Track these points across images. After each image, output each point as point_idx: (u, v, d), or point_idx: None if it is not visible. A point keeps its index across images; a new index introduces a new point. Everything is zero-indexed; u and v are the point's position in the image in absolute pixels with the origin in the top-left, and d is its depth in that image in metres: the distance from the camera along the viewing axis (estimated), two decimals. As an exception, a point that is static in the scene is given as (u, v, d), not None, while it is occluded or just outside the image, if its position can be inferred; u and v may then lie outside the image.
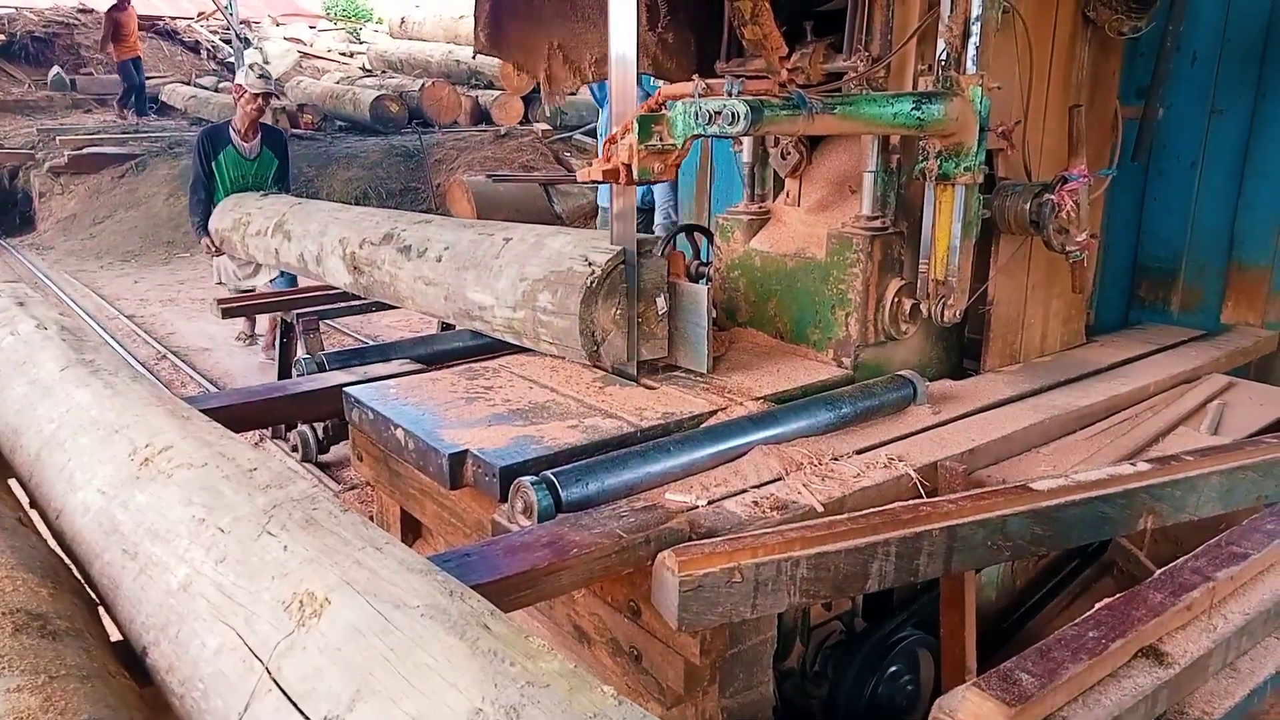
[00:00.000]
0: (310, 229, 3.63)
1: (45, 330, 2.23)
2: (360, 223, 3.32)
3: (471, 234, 2.74)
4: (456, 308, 2.64)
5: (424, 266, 2.78)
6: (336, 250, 3.30)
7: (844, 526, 1.65)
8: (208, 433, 1.63)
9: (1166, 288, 3.31)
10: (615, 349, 2.33)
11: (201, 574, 1.23)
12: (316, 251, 3.49)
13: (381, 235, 3.07)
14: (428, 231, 2.93)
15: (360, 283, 3.18)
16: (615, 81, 2.34)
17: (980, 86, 2.18)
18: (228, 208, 4.80)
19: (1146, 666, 1.40)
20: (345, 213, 3.62)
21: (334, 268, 3.35)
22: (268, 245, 4.05)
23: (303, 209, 4.02)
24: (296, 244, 3.71)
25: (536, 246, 2.48)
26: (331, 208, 3.92)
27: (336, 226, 3.43)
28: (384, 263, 2.99)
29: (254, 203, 4.56)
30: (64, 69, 14.55)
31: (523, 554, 1.56)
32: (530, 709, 0.89)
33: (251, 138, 5.28)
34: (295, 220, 3.88)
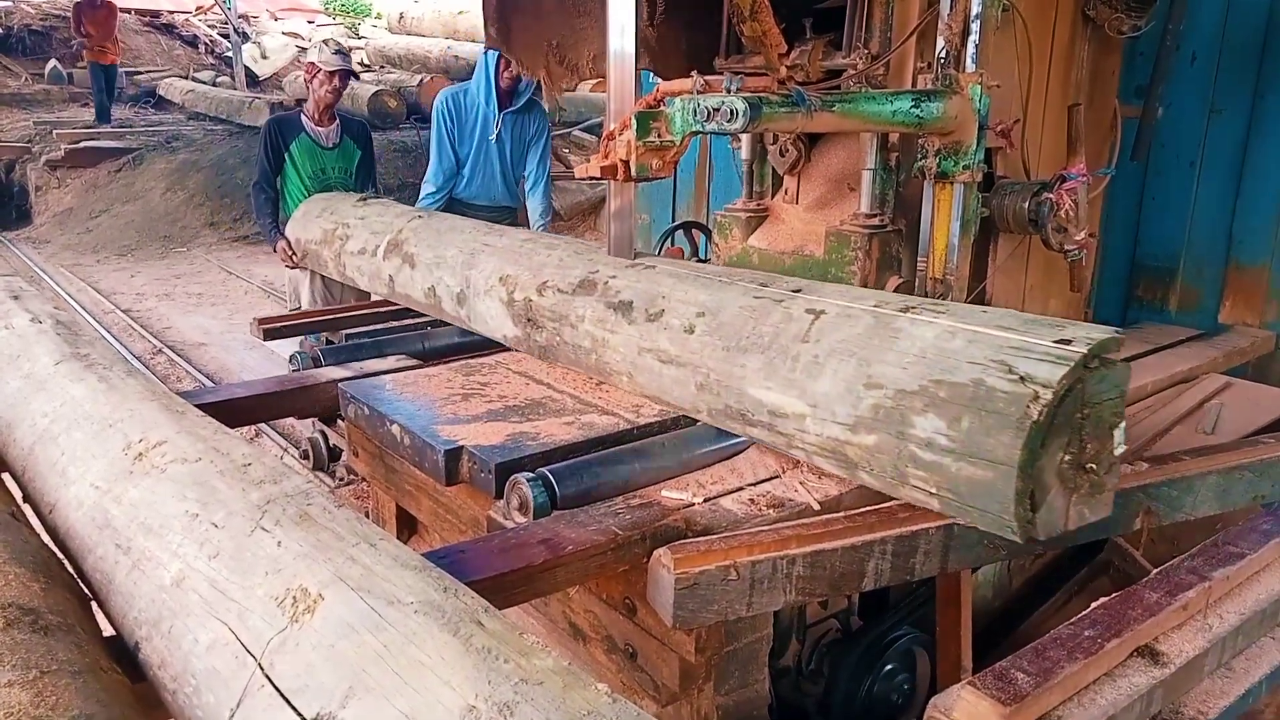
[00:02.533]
0: (447, 256, 2.71)
1: (40, 324, 2.23)
2: (531, 256, 2.46)
3: (741, 295, 1.90)
4: (721, 404, 1.83)
5: (659, 336, 1.97)
6: (496, 292, 2.45)
7: (840, 524, 1.65)
8: (202, 428, 1.63)
9: (1164, 287, 3.31)
10: (1053, 513, 1.43)
11: (194, 569, 1.22)
12: (459, 288, 2.61)
13: (576, 281, 2.24)
14: (658, 284, 2.08)
15: (534, 340, 2.34)
16: (614, 78, 2.34)
17: (979, 85, 2.17)
18: (313, 213, 3.69)
19: (1142, 666, 1.40)
20: (500, 237, 2.70)
21: (488, 313, 2.50)
22: (377, 270, 3.04)
23: (429, 225, 3.00)
24: (424, 274, 2.78)
25: (883, 331, 1.62)
26: (474, 227, 2.90)
27: (492, 257, 2.55)
28: (582, 320, 2.17)
29: (351, 209, 3.47)
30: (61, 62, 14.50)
31: (518, 551, 1.55)
32: (524, 706, 0.88)
33: (327, 123, 4.43)
34: (421, 241, 2.91)
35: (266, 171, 4.37)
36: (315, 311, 3.76)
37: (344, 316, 3.33)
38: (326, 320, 3.35)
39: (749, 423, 1.79)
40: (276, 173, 4.37)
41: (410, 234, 2.97)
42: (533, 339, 2.35)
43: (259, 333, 3.27)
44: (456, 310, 2.65)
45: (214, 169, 11.08)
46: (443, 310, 2.73)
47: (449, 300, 2.67)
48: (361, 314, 3.33)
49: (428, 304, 2.80)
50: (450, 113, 4.59)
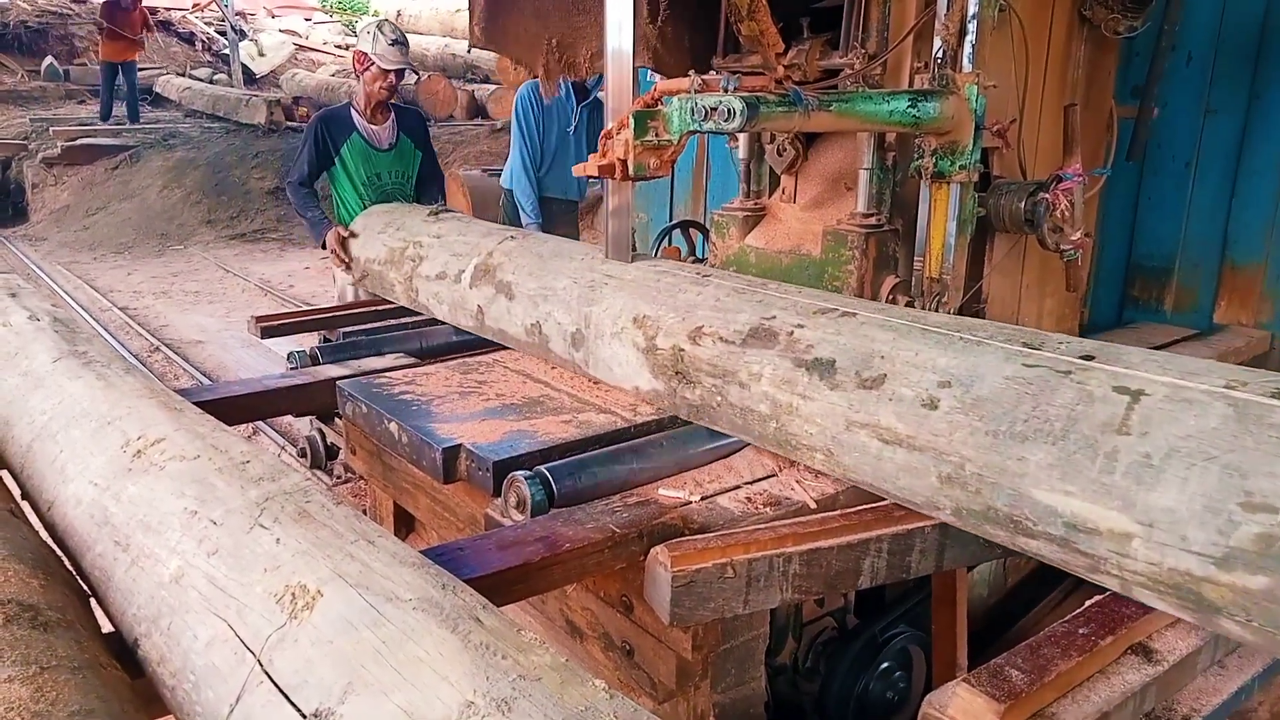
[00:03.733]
0: (557, 287, 2.30)
1: (38, 322, 2.23)
2: (675, 293, 2.05)
3: (1003, 361, 1.49)
4: (980, 504, 1.44)
5: (880, 409, 1.57)
6: (628, 335, 2.05)
7: (836, 523, 1.65)
8: (200, 425, 1.63)
9: (1160, 287, 3.31)
10: None
11: (193, 566, 1.23)
12: (574, 327, 2.21)
13: (746, 328, 1.84)
14: (870, 339, 1.67)
15: (681, 396, 1.95)
16: (611, 77, 2.34)
17: (976, 85, 2.18)
18: (373, 228, 3.24)
19: (1135, 664, 1.41)
20: (622, 266, 2.27)
21: (615, 360, 2.10)
22: (461, 299, 2.63)
23: (526, 248, 2.55)
24: (527, 307, 2.37)
25: (1254, 427, 1.22)
26: (585, 253, 2.45)
27: (619, 293, 2.14)
28: (757, 379, 1.76)
29: (422, 225, 3.03)
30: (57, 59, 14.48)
31: (515, 548, 1.56)
32: (521, 702, 0.89)
33: (381, 120, 3.83)
34: (520, 267, 2.46)
35: (307, 174, 3.79)
36: (312, 310, 3.69)
37: (342, 315, 3.29)
38: (324, 318, 3.30)
39: (1025, 532, 1.40)
40: (317, 176, 3.82)
41: (504, 258, 2.53)
42: (680, 395, 1.94)
43: (256, 330, 3.22)
44: (569, 353, 2.25)
45: (211, 167, 11.07)
46: (549, 351, 2.33)
47: (560, 340, 2.27)
48: (359, 312, 3.29)
49: (529, 343, 2.40)
50: (533, 105, 4.50)
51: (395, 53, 3.66)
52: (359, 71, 3.78)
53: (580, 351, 2.21)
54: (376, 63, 3.65)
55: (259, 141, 11.52)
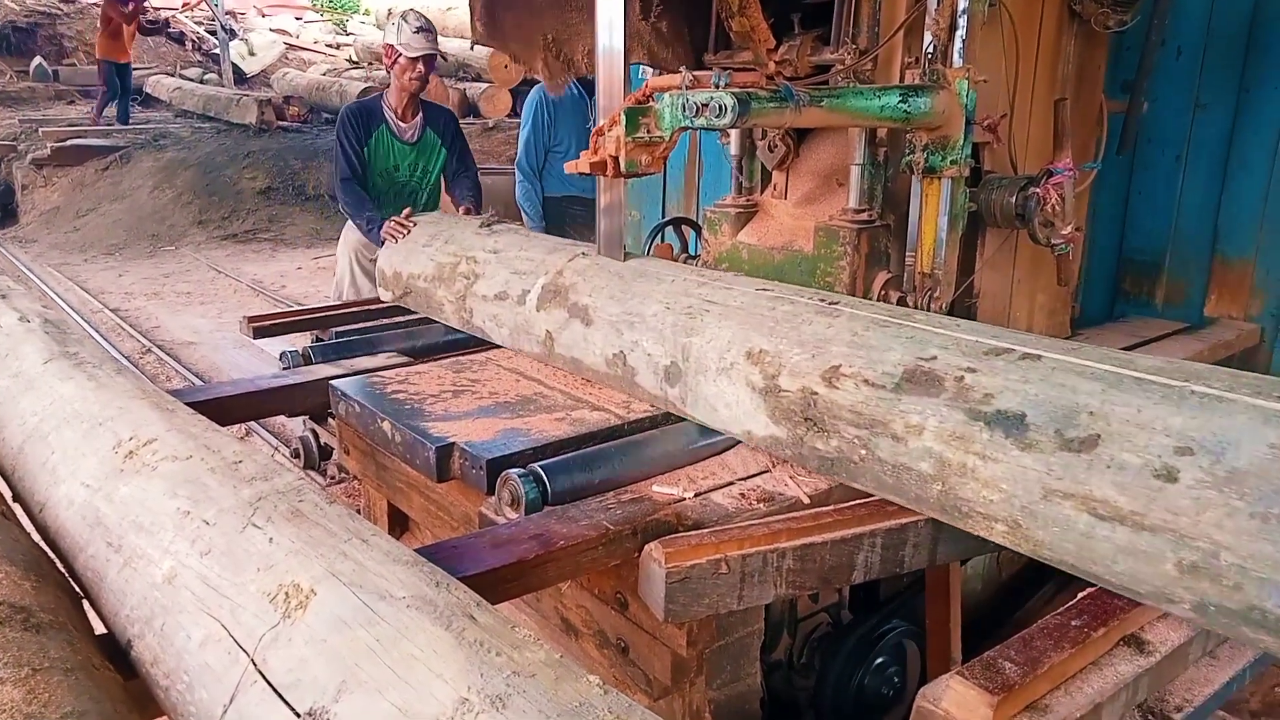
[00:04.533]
0: (646, 313, 2.04)
1: (28, 323, 2.22)
2: (799, 323, 1.78)
3: (1260, 424, 1.23)
4: (1240, 601, 1.19)
5: (1094, 477, 1.31)
6: (739, 372, 1.79)
7: (830, 518, 1.66)
8: (192, 425, 1.63)
9: (1151, 281, 3.33)
10: None
11: (186, 566, 1.23)
12: (668, 360, 1.95)
13: (899, 370, 1.57)
14: (1072, 389, 1.41)
15: (809, 445, 1.68)
16: (603, 74, 2.34)
17: (966, 80, 2.18)
18: (417, 240, 2.94)
19: (1128, 655, 1.42)
20: (727, 289, 2.00)
21: (722, 399, 1.84)
22: (526, 323, 2.36)
23: (603, 266, 2.27)
24: (608, 335, 2.11)
25: None
26: (678, 273, 2.17)
27: (727, 321, 1.87)
28: (917, 432, 1.51)
29: (475, 238, 2.73)
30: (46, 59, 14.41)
31: (509, 546, 1.56)
32: (516, 698, 0.89)
33: (410, 117, 3.79)
34: (597, 288, 2.20)
35: (351, 166, 3.71)
36: (304, 309, 3.65)
37: (334, 314, 3.28)
38: (317, 318, 3.29)
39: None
40: (364, 167, 3.75)
41: (576, 277, 2.26)
42: (808, 444, 1.66)
43: (248, 331, 3.19)
44: (661, 388, 2.00)
45: (202, 167, 11.02)
46: (635, 385, 2.07)
47: (649, 374, 2.01)
48: (352, 312, 3.28)
49: (610, 374, 2.13)
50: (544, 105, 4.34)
51: (421, 40, 3.62)
52: (388, 66, 3.75)
53: (676, 388, 1.94)
54: (403, 53, 3.62)
55: (250, 141, 11.47)
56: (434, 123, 3.88)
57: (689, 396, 1.94)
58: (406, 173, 3.84)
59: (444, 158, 3.91)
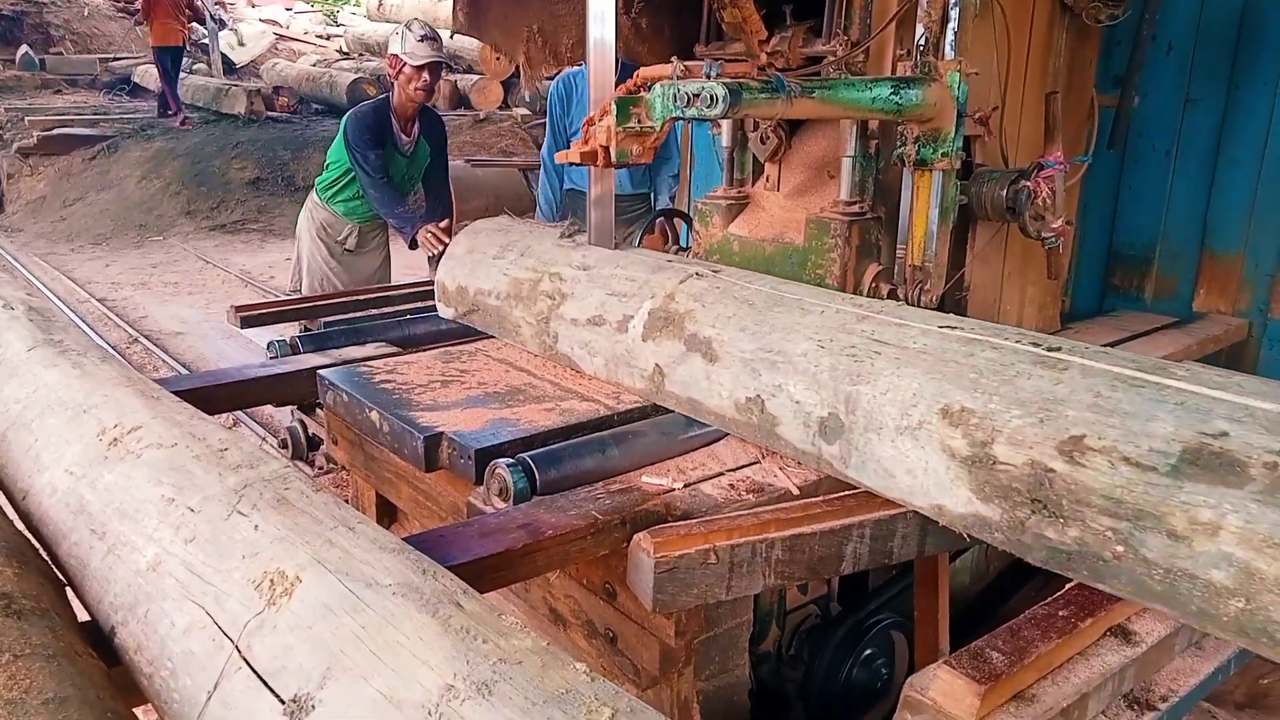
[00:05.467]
0: (793, 352, 1.71)
1: (12, 310, 2.20)
2: (1010, 375, 1.44)
3: None
4: None
5: None
6: (931, 433, 1.46)
7: (819, 509, 1.66)
8: (178, 413, 1.61)
9: (1140, 275, 3.34)
10: None
11: (171, 553, 1.22)
12: (825, 410, 1.64)
13: (1176, 449, 1.24)
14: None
15: (1044, 536, 1.35)
16: (593, 65, 2.33)
17: (958, 72, 2.18)
18: (486, 251, 2.56)
19: (1114, 645, 1.42)
20: (896, 324, 1.68)
21: (903, 465, 1.52)
22: (628, 354, 2.05)
23: (726, 289, 1.96)
24: (740, 375, 1.79)
25: None
26: (829, 300, 1.85)
27: (909, 369, 1.54)
28: (1212, 533, 1.20)
29: (558, 250, 2.38)
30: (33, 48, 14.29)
31: (497, 536, 1.55)
32: (502, 685, 0.88)
33: (410, 129, 3.82)
34: (722, 317, 1.88)
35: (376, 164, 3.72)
36: (293, 299, 3.63)
37: (322, 304, 3.26)
38: (305, 308, 3.27)
39: None
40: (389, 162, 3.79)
41: (693, 303, 1.94)
42: (1031, 530, 1.34)
43: (236, 320, 3.12)
44: (813, 444, 1.67)
45: (190, 157, 10.96)
46: (776, 437, 1.75)
47: (797, 425, 1.69)
48: (340, 302, 3.26)
49: (742, 422, 1.81)
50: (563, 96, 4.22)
51: (425, 48, 3.61)
52: (393, 76, 3.74)
53: (835, 445, 1.63)
54: (408, 61, 3.61)
55: (239, 132, 11.41)
56: (427, 132, 3.93)
57: (853, 456, 1.61)
58: (400, 179, 3.92)
59: (430, 163, 3.99)
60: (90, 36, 15.59)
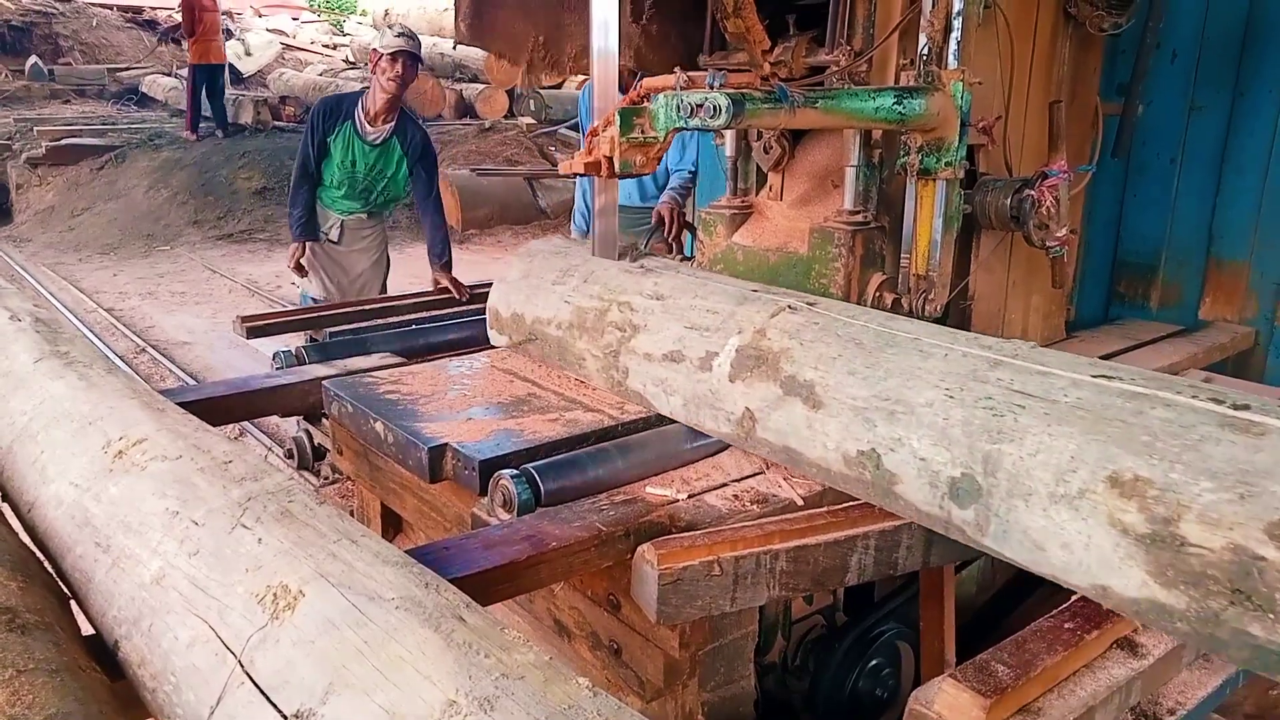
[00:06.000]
0: (914, 401, 1.52)
1: (19, 322, 2.20)
2: (1193, 441, 1.23)
3: None
4: None
5: None
6: (1097, 502, 1.26)
7: (823, 520, 1.65)
8: (183, 425, 1.62)
9: (1146, 283, 3.33)
10: None
11: (175, 567, 1.22)
12: (957, 471, 1.44)
13: None
14: None
15: (1241, 632, 1.14)
16: (597, 75, 2.34)
17: (961, 82, 2.18)
18: (543, 273, 2.37)
19: (1121, 658, 1.42)
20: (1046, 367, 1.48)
21: (1058, 537, 1.31)
22: (714, 395, 1.85)
23: (825, 324, 1.78)
24: (850, 425, 1.60)
25: None
26: (950, 343, 1.64)
27: (1061, 426, 1.34)
28: None
29: (627, 277, 2.21)
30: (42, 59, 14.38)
31: (501, 548, 1.55)
32: (504, 700, 0.88)
33: (381, 121, 3.94)
34: (824, 357, 1.69)
35: (307, 159, 3.95)
36: (299, 309, 3.67)
37: (328, 314, 3.28)
38: (311, 318, 3.28)
39: None
40: (320, 160, 3.97)
41: (789, 340, 1.75)
42: (1229, 624, 1.14)
43: (242, 330, 3.18)
44: (943, 507, 1.46)
45: (198, 167, 11.01)
46: (895, 497, 1.54)
47: (922, 485, 1.48)
48: (346, 312, 3.28)
49: (850, 477, 1.61)
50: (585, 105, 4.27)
51: (400, 41, 3.81)
52: (371, 69, 3.95)
53: (969, 510, 1.42)
54: (382, 53, 3.83)
55: (246, 141, 11.46)
56: (403, 133, 4.02)
57: (993, 525, 1.40)
58: (364, 171, 4.01)
59: (404, 167, 4.05)
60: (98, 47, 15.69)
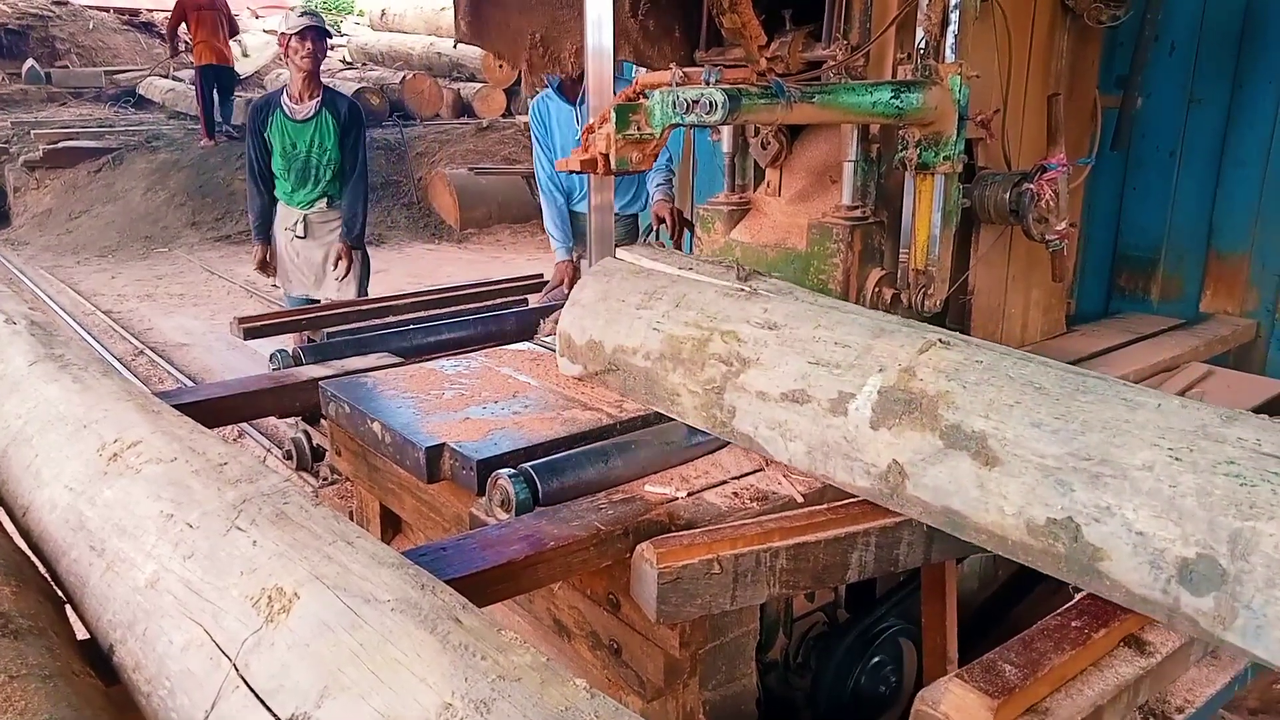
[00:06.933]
0: (1130, 463, 1.27)
1: (14, 325, 2.19)
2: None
3: None
4: None
5: None
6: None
7: (823, 517, 1.64)
8: (178, 427, 1.60)
9: (1146, 277, 3.32)
10: None
11: (169, 570, 1.20)
12: (1190, 551, 1.20)
13: None
14: None
15: None
16: (592, 71, 2.32)
17: (959, 75, 2.17)
18: (623, 295, 2.07)
19: (1128, 656, 1.40)
20: None
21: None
22: (850, 444, 1.61)
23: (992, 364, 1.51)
24: (1038, 487, 1.35)
25: None
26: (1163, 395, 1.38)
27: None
28: None
29: (725, 300, 1.92)
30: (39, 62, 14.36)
31: (499, 547, 1.54)
32: (501, 703, 0.87)
33: (306, 98, 4.09)
34: (995, 404, 1.43)
35: (252, 160, 4.12)
36: (296, 310, 3.65)
37: (325, 315, 3.26)
38: (308, 319, 3.27)
39: None
40: (265, 162, 4.11)
41: (949, 382, 1.49)
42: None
43: (239, 332, 3.15)
44: (1170, 592, 1.22)
45: (195, 169, 11.00)
46: (1099, 575, 1.30)
47: (1139, 564, 1.24)
48: (343, 312, 3.26)
49: (1039, 549, 1.36)
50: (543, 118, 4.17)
51: (304, 20, 3.98)
52: (282, 53, 4.13)
53: (1207, 599, 1.18)
54: (290, 34, 3.98)
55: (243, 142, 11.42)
56: (331, 104, 4.14)
57: (1239, 617, 1.16)
58: (305, 148, 4.11)
59: (335, 139, 4.14)
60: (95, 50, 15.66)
